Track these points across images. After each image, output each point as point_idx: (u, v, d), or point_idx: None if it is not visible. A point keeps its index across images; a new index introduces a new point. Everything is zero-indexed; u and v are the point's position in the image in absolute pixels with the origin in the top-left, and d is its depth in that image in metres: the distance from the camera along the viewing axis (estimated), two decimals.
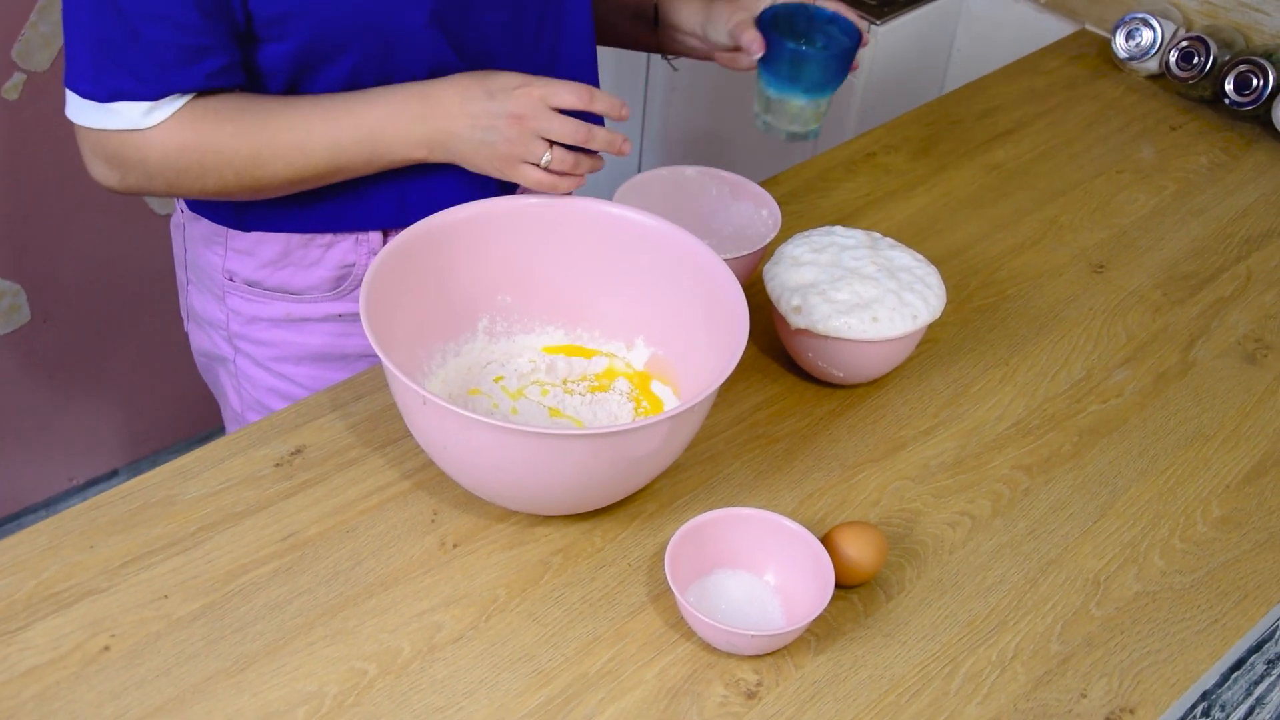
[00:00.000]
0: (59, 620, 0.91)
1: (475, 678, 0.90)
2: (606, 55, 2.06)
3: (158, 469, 1.01)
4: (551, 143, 1.03)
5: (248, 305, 1.18)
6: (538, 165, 1.03)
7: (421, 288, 1.03)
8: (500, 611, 0.95)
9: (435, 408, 0.89)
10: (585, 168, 1.05)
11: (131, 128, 1.00)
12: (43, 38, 1.69)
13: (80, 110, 1.02)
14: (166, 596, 0.93)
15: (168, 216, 1.92)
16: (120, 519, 0.98)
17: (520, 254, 1.08)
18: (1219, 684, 1.04)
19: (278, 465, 1.03)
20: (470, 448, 0.91)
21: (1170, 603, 1.00)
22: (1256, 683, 1.10)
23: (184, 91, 1.00)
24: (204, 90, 1.02)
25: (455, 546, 0.98)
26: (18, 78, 1.69)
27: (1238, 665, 1.06)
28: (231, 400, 1.26)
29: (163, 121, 1.00)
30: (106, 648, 0.90)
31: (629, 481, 0.96)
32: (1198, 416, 1.16)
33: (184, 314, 1.28)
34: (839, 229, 1.16)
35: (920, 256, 1.15)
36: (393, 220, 1.12)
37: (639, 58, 2.08)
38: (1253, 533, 1.06)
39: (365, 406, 1.08)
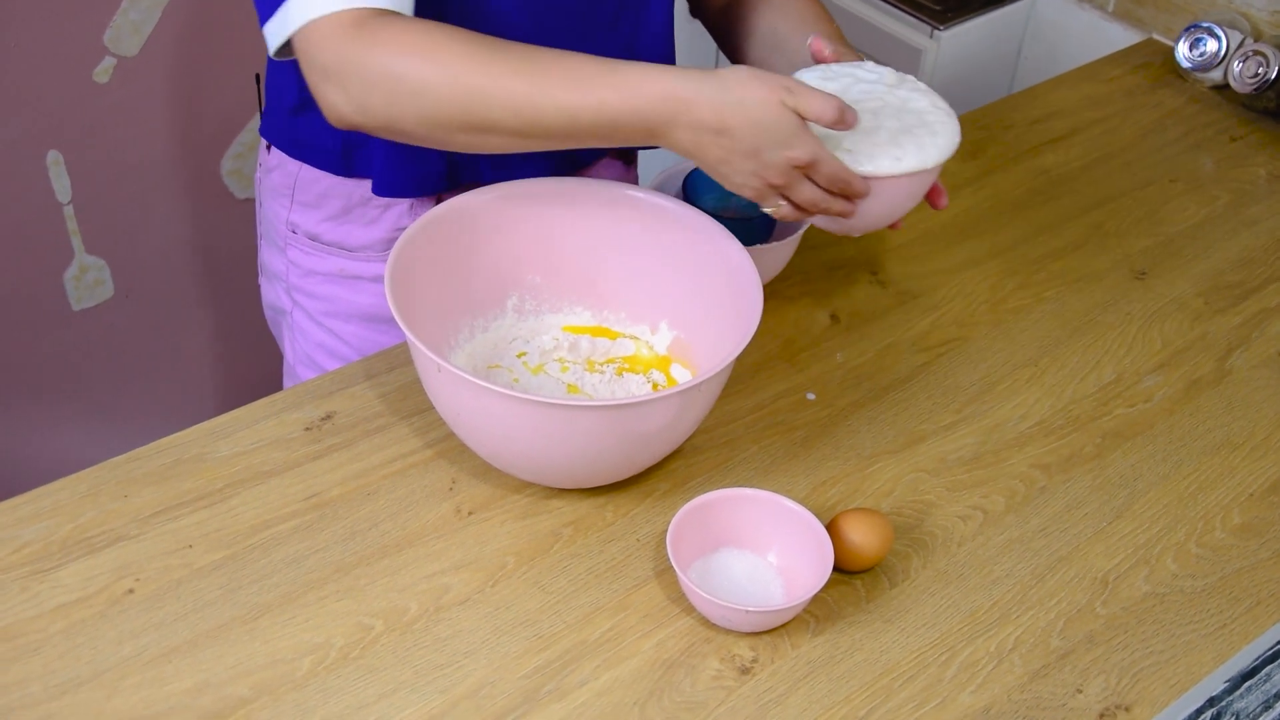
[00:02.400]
0: (90, 562, 0.96)
1: (477, 639, 0.93)
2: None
3: (193, 428, 1.06)
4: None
5: (306, 258, 1.23)
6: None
7: (451, 263, 1.07)
8: (508, 578, 0.98)
9: (450, 376, 0.93)
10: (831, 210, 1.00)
11: (312, 16, 0.93)
12: (133, 24, 1.76)
13: (271, 33, 0.97)
14: (191, 546, 0.98)
15: (248, 200, 1.99)
16: (154, 472, 1.03)
17: (550, 234, 1.11)
18: (1229, 691, 1.03)
19: (308, 429, 1.07)
20: (483, 415, 0.95)
21: (1178, 605, 0.99)
22: (1279, 696, 1.09)
23: None
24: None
25: (470, 514, 1.02)
26: (108, 62, 1.77)
27: (1252, 674, 1.05)
28: (287, 353, 1.32)
29: (387, 27, 0.94)
30: (131, 590, 0.94)
31: (638, 457, 0.99)
32: (1228, 425, 1.15)
33: (259, 267, 1.33)
34: (867, 64, 1.08)
35: (943, 104, 1.05)
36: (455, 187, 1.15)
37: (707, 50, 2.10)
38: (1272, 541, 1.05)
39: (397, 377, 1.12)
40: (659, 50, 1.20)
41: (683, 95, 0.93)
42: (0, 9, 1.63)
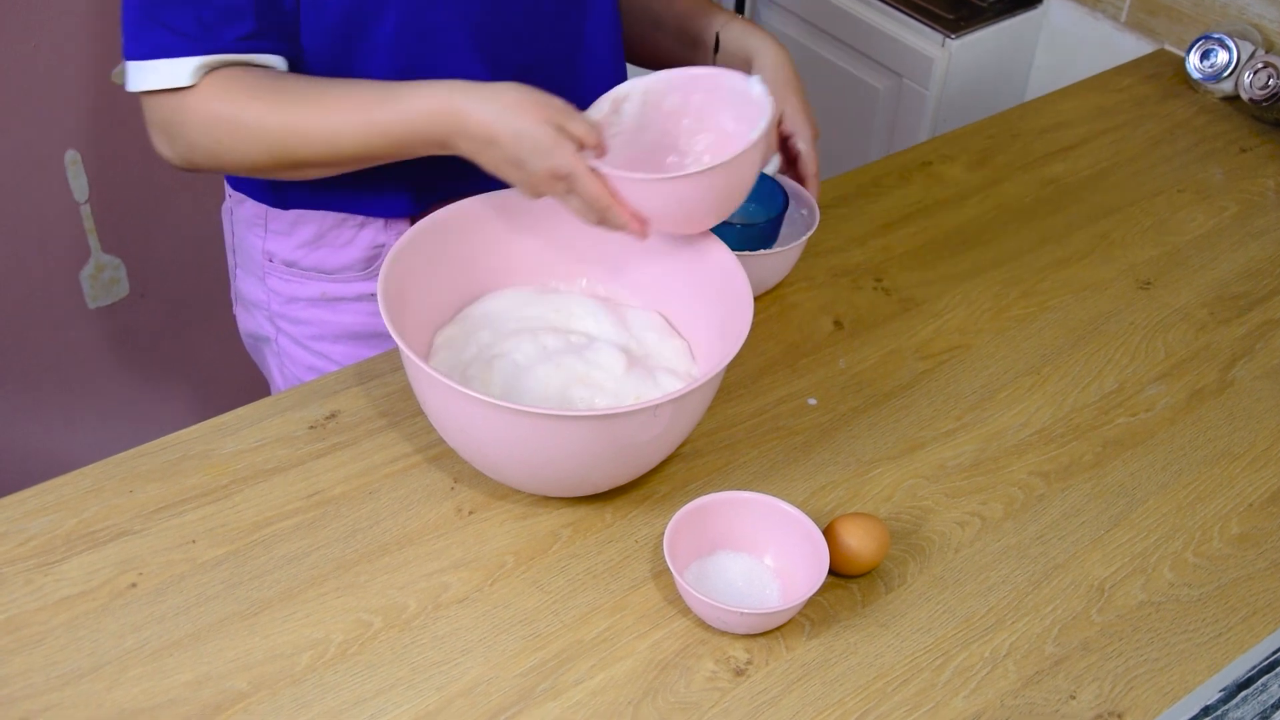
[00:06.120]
0: (93, 556, 0.97)
1: (474, 637, 0.94)
2: None
3: (199, 425, 1.07)
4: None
5: (286, 285, 1.24)
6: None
7: (443, 274, 1.08)
8: (506, 577, 0.98)
9: (435, 383, 0.93)
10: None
11: (172, 85, 1.03)
12: None
13: (132, 76, 1.04)
14: (194, 541, 0.99)
15: None
16: (159, 468, 1.04)
17: (542, 245, 1.12)
18: (1224, 700, 1.03)
19: (312, 427, 1.08)
20: (469, 421, 0.95)
21: (1174, 614, 1.00)
22: (1275, 707, 1.09)
23: (220, 50, 1.03)
24: (241, 56, 1.04)
25: (471, 514, 1.03)
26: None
27: (1247, 684, 1.05)
28: (276, 379, 1.33)
29: (198, 89, 1.03)
30: (134, 584, 0.96)
31: (629, 466, 0.99)
32: (1229, 435, 1.15)
33: (233, 297, 1.35)
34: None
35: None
36: (418, 209, 1.17)
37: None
38: (1270, 552, 1.05)
39: (401, 378, 1.13)
40: (606, 41, 1.20)
41: (456, 109, 1.00)
42: (21, 11, 1.65)
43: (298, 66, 1.10)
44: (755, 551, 1.00)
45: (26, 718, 0.87)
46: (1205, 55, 1.58)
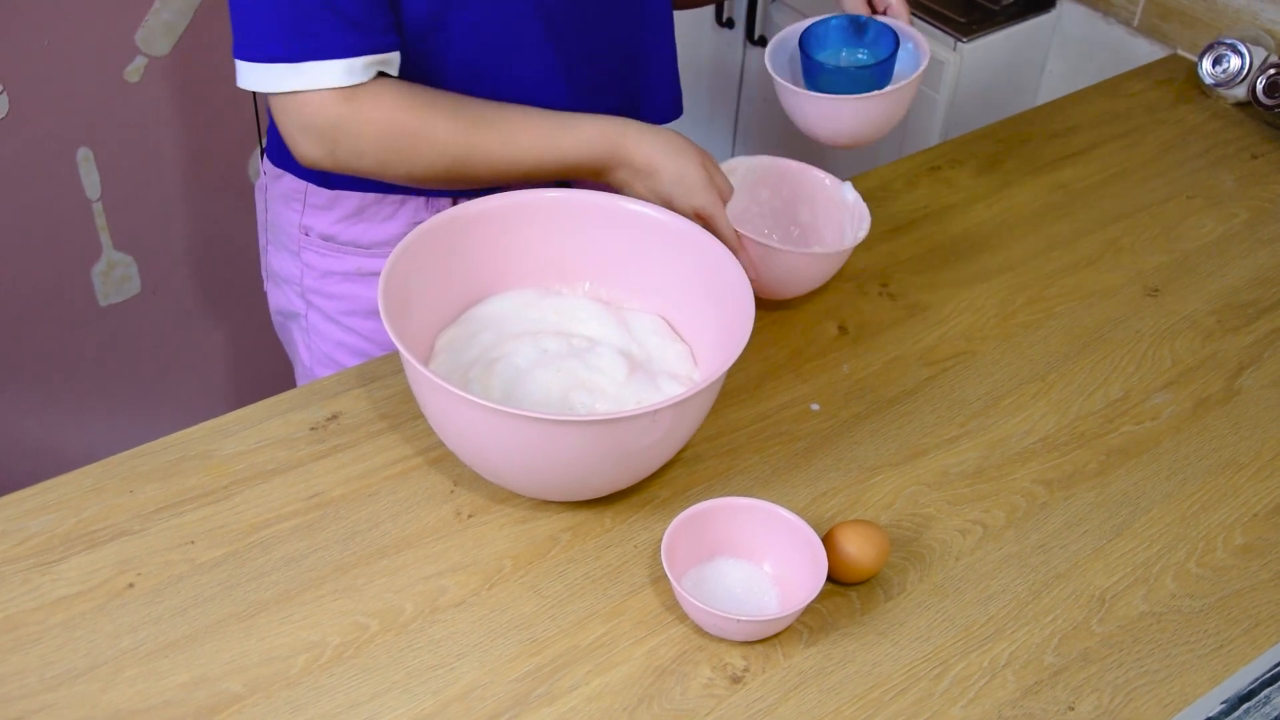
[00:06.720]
0: (92, 556, 0.97)
1: (470, 641, 0.94)
2: (703, 74, 2.10)
3: (199, 425, 1.08)
4: None
5: (321, 260, 1.25)
6: None
7: (445, 276, 1.08)
8: (504, 581, 0.98)
9: (434, 387, 0.93)
10: None
11: (332, 85, 1.03)
12: (165, 25, 1.79)
13: (268, 77, 1.03)
14: (193, 542, 0.99)
15: None
16: (160, 468, 1.04)
17: (547, 247, 1.12)
18: (1226, 713, 1.02)
19: (313, 429, 1.08)
20: (467, 426, 0.95)
21: (1176, 625, 0.99)
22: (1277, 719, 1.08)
23: (375, 49, 1.03)
24: (389, 54, 1.05)
25: (470, 517, 1.03)
26: (139, 61, 1.79)
27: (1250, 696, 1.04)
28: (302, 355, 1.33)
29: (371, 98, 1.04)
30: (131, 585, 0.96)
31: (628, 471, 0.99)
32: (1234, 444, 1.14)
33: (264, 275, 1.35)
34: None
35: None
36: (464, 190, 1.17)
37: (733, 76, 2.11)
38: (1274, 563, 1.04)
39: (403, 380, 1.13)
40: (662, 19, 1.22)
41: (623, 139, 1.10)
42: (34, 8, 1.66)
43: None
44: (754, 558, 1.00)
45: (21, 718, 0.87)
46: (1218, 61, 1.57)
